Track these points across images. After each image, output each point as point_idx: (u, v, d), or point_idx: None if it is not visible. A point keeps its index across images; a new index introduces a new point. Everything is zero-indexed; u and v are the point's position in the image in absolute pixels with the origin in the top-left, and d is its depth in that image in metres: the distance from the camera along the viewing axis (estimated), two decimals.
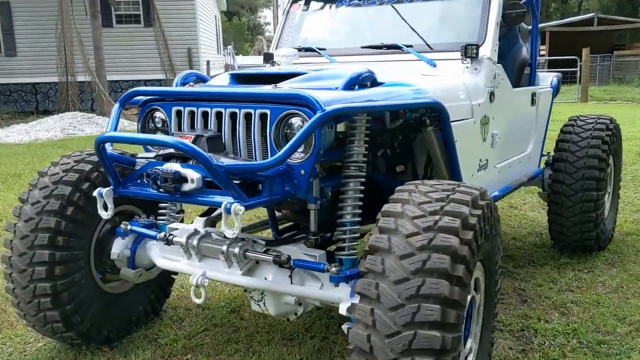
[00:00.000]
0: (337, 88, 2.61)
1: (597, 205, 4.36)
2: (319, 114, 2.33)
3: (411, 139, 3.15)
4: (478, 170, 3.35)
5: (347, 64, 3.67)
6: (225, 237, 2.68)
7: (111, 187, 2.63)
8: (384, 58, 3.57)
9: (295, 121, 2.47)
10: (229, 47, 28.63)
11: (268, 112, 2.57)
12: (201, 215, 3.15)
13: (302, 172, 2.51)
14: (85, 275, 3.05)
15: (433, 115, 2.88)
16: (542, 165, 4.62)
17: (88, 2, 15.24)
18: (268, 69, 3.06)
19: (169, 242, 2.86)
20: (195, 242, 2.77)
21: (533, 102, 4.11)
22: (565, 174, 4.39)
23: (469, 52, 3.24)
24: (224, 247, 2.66)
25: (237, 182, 2.45)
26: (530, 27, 4.63)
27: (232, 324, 3.53)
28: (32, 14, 17.25)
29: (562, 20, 30.80)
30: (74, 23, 15.75)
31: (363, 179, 2.68)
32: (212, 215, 3.14)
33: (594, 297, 3.81)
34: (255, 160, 2.64)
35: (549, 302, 3.75)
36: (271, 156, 2.59)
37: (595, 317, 3.50)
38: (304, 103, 2.40)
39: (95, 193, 2.65)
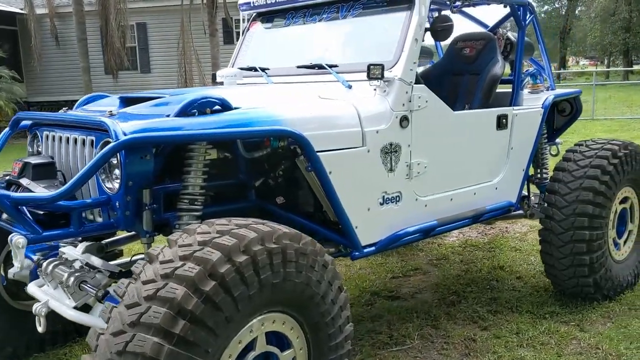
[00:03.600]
0: (169, 115, 2.47)
1: (592, 246, 3.69)
2: (112, 143, 2.23)
3: (293, 169, 2.88)
4: (381, 204, 2.98)
5: (281, 83, 3.49)
6: (85, 265, 2.64)
7: None
8: (313, 78, 3.33)
9: None
10: None
11: (93, 138, 2.51)
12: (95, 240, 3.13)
13: (117, 204, 2.40)
14: None
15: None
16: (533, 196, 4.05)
17: (208, 21, 16.14)
18: (150, 92, 2.99)
19: (39, 265, 2.87)
20: (50, 268, 2.74)
21: (500, 125, 3.58)
22: (555, 208, 3.78)
23: (372, 72, 2.90)
24: (65, 276, 2.60)
25: (42, 213, 2.42)
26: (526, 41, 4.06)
27: None
28: (164, 33, 18.63)
29: None
30: (191, 40, 16.71)
31: (198, 213, 2.51)
32: (104, 241, 3.10)
33: (553, 358, 3.23)
34: (89, 190, 2.58)
35: (493, 358, 3.24)
36: (97, 186, 2.52)
37: None
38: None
39: None
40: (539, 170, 4.33)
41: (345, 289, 2.43)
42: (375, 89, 3.01)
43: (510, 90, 3.82)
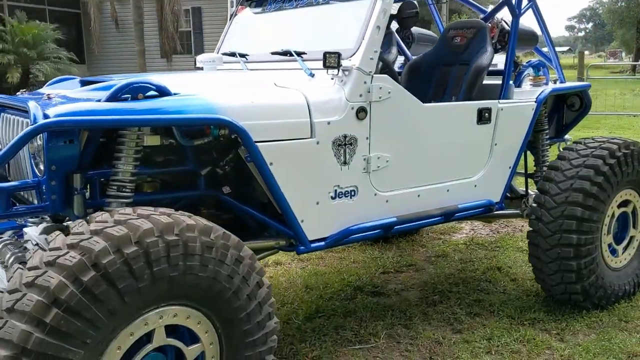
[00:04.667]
0: (100, 100, 2.45)
1: (580, 251, 3.45)
2: (28, 127, 2.23)
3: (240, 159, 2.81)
4: (333, 198, 2.87)
5: (255, 70, 3.43)
6: (35, 245, 2.68)
7: None
8: (286, 65, 3.24)
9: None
10: None
11: (28, 121, 2.52)
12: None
13: (44, 187, 2.41)
14: None
15: None
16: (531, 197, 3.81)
17: None
18: (114, 75, 2.98)
19: None
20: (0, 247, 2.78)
21: (482, 119, 3.38)
22: (544, 208, 3.55)
23: (328, 61, 2.79)
24: (7, 256, 2.62)
25: None
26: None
27: None
28: (218, 17, 18.84)
29: None
30: None
31: (128, 200, 2.48)
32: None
33: None
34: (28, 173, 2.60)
35: None
36: (31, 170, 2.54)
37: None
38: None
39: None
40: (539, 168, 4.10)
41: (269, 284, 2.36)
42: (332, 78, 2.90)
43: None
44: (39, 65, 15.49)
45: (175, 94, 2.55)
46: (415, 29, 4.50)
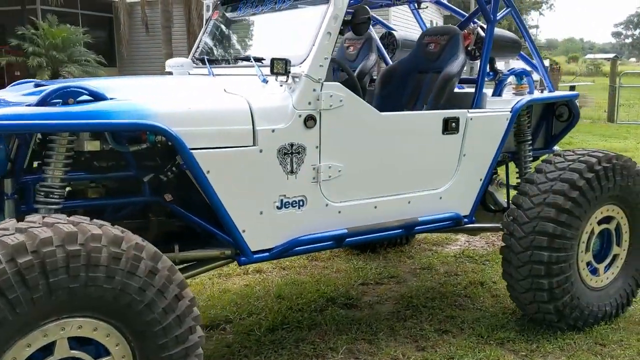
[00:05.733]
0: (32, 104, 2.42)
1: (551, 269, 3.28)
2: None
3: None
4: (279, 208, 2.78)
5: (221, 75, 3.38)
6: None
7: None
8: (247, 71, 3.18)
9: None
10: None
11: None
12: None
13: None
14: None
15: None
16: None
17: None
18: (66, 80, 2.96)
19: None
20: None
21: (449, 129, 3.24)
22: (516, 223, 3.40)
23: (275, 68, 2.71)
24: None
25: None
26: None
27: None
28: None
29: None
30: None
31: (56, 206, 2.45)
32: None
33: None
34: None
35: None
36: None
37: None
38: None
39: None
40: (521, 181, 3.93)
41: (191, 297, 2.28)
42: (281, 85, 2.82)
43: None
44: (68, 68, 15.78)
45: (111, 98, 2.51)
46: (400, 34, 4.39)
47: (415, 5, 4.04)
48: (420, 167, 3.22)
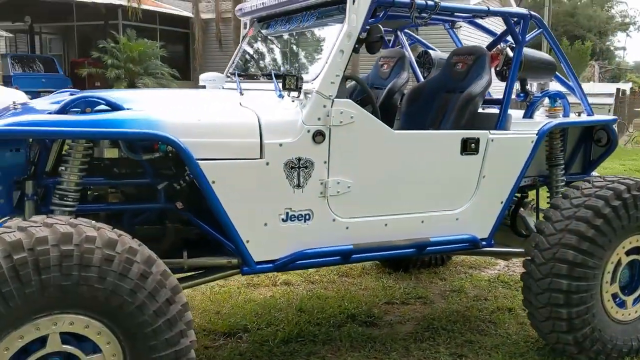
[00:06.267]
0: (52, 112, 2.60)
1: (571, 299, 3.17)
2: None
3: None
4: (284, 221, 2.83)
5: (248, 90, 3.49)
6: None
7: None
8: (270, 86, 3.28)
9: None
10: None
11: None
12: None
13: None
14: None
15: None
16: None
17: None
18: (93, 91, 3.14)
19: None
20: None
21: (468, 149, 3.20)
22: (537, 249, 3.31)
23: (287, 84, 2.79)
24: None
25: None
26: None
27: None
28: None
29: None
30: None
31: (70, 209, 2.60)
32: None
33: None
34: None
35: None
36: None
37: None
38: None
39: None
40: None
41: (184, 302, 2.37)
42: (293, 101, 2.89)
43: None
44: (143, 80, 16.55)
45: (128, 109, 2.65)
46: (436, 54, 4.37)
47: (450, 24, 4.02)
48: (436, 187, 3.20)
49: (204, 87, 3.80)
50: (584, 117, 3.74)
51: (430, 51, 4.37)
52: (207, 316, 3.98)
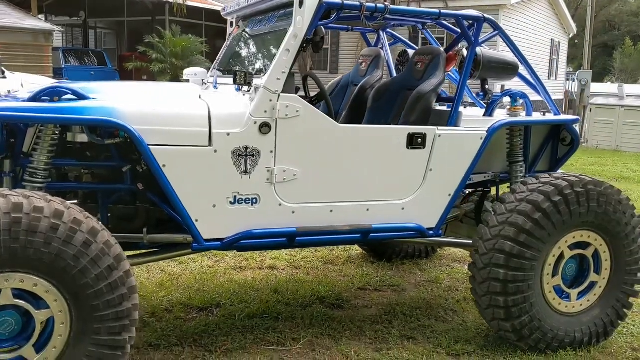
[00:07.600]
0: (24, 100, 2.97)
1: (508, 288, 3.35)
2: None
3: None
4: (232, 203, 3.12)
5: (224, 85, 3.81)
6: None
7: None
8: None
9: None
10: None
11: None
12: None
13: None
14: None
15: None
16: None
17: None
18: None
19: None
20: None
21: (414, 144, 3.41)
22: (481, 240, 3.50)
23: (237, 79, 3.09)
24: None
25: None
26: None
27: None
28: (354, 36, 19.44)
29: None
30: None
31: (39, 185, 2.97)
32: None
33: None
34: None
35: None
36: None
37: None
38: None
39: None
40: None
41: (126, 270, 2.69)
42: (244, 95, 3.18)
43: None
44: None
45: (92, 99, 3.00)
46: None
47: (421, 25, 4.21)
48: (381, 177, 3.42)
49: (187, 81, 4.14)
50: (531, 117, 3.88)
51: (410, 50, 4.57)
52: (187, 292, 4.32)
